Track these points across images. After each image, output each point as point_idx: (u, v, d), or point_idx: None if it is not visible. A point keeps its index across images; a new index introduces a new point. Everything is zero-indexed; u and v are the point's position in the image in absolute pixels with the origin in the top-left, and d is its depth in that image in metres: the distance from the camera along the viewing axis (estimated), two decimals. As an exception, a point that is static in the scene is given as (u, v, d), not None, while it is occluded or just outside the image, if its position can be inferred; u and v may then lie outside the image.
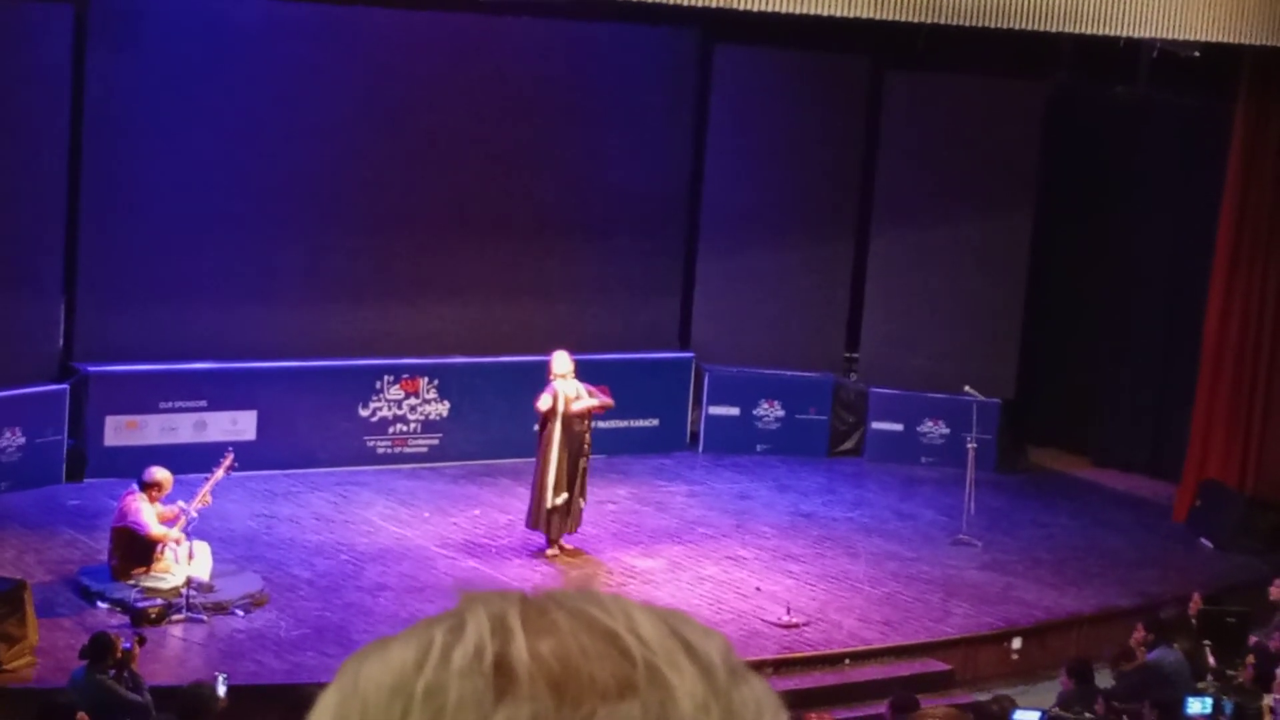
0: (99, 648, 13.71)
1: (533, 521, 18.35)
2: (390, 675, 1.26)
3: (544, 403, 17.93)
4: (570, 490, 18.05)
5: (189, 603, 16.11)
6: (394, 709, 1.24)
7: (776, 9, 17.06)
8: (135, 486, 16.54)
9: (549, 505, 18.02)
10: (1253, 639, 16.48)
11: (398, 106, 21.16)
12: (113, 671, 13.66)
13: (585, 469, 18.24)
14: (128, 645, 13.75)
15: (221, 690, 13.51)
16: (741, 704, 1.27)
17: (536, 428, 18.30)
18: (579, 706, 1.22)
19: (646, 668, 1.24)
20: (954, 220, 22.93)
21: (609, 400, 18.31)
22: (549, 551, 18.25)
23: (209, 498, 16.69)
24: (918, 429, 22.80)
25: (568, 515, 18.18)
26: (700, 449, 22.76)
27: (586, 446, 18.15)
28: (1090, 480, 22.92)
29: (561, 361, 18.12)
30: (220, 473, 16.85)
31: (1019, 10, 17.93)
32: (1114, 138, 23.10)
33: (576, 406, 17.98)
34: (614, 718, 1.22)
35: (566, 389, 17.98)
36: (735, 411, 22.85)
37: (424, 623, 1.29)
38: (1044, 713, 14.47)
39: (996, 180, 22.92)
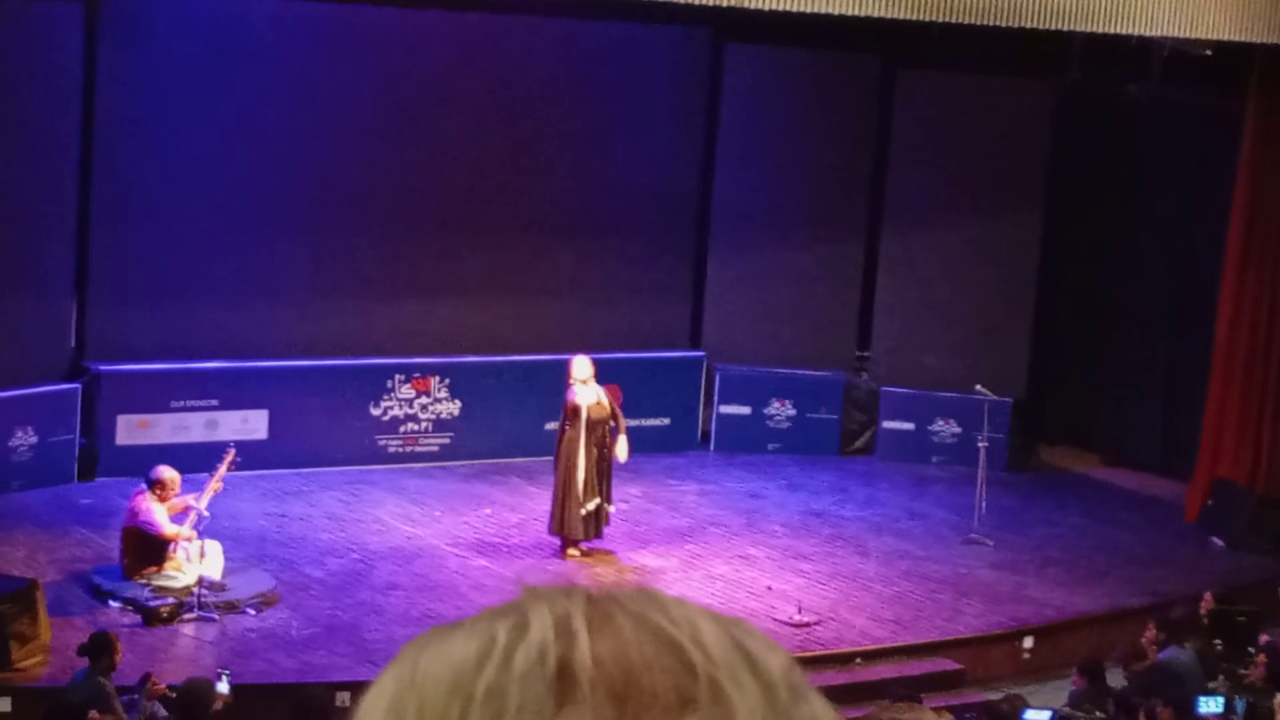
0: (98, 646, 13.69)
1: (557, 527, 18.23)
2: (450, 671, 1.24)
3: (581, 404, 17.79)
4: (600, 495, 18.02)
5: (200, 602, 16.13)
6: (452, 708, 1.22)
7: (787, 8, 17.06)
8: (144, 486, 16.56)
9: (583, 511, 17.95)
10: (1264, 638, 16.45)
11: (407, 105, 21.17)
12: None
13: (609, 474, 18.19)
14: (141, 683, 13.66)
15: (225, 688, 13.50)
16: (802, 718, 1.25)
17: (559, 429, 18.19)
18: (639, 719, 1.20)
19: (708, 682, 1.22)
20: (965, 219, 22.92)
21: (621, 419, 18.23)
22: (569, 550, 18.18)
23: (220, 485, 16.72)
24: (929, 428, 22.78)
25: (597, 520, 18.15)
26: (711, 448, 22.75)
27: (608, 451, 18.09)
28: (1101, 479, 22.89)
29: (582, 366, 18.06)
30: (223, 468, 16.86)
31: (1030, 9, 17.92)
32: (1125, 136, 23.06)
33: (597, 413, 17.92)
34: None
35: (587, 394, 17.94)
36: (746, 410, 22.84)
37: (486, 614, 1.27)
38: (1055, 712, 14.45)
39: (1007, 179, 22.91)
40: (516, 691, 1.21)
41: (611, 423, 18.09)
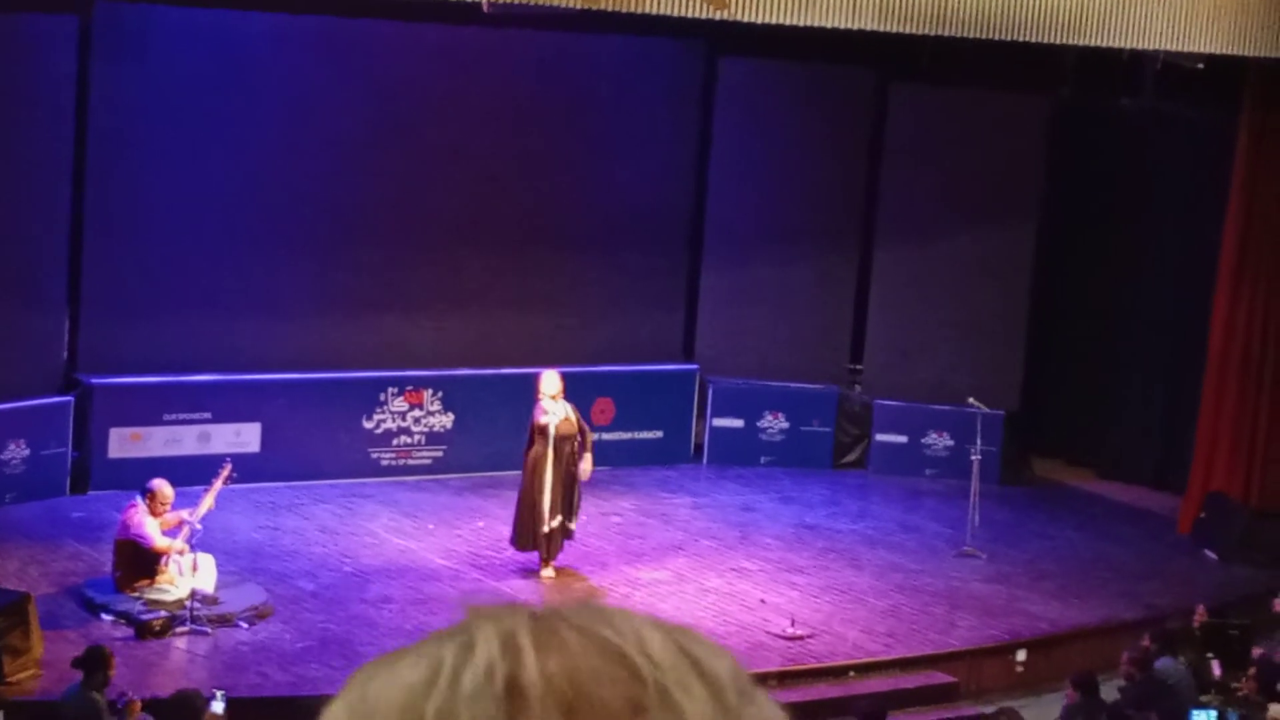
0: (92, 660, 13.66)
1: (521, 543, 18.12)
2: (400, 696, 1.24)
3: (548, 421, 17.73)
4: (564, 513, 17.88)
5: (193, 615, 16.10)
6: None
7: (781, 21, 17.06)
8: (137, 499, 16.54)
9: (545, 529, 17.84)
10: (1257, 651, 16.46)
11: (400, 119, 21.17)
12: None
13: (578, 492, 18.03)
14: (122, 703, 13.61)
15: (220, 707, 13.47)
16: None
17: (525, 445, 18.04)
18: None
19: (657, 689, 1.22)
20: (958, 233, 22.93)
21: (588, 436, 18.10)
22: (544, 573, 18.02)
23: (212, 502, 16.69)
24: (922, 441, 22.79)
25: (560, 538, 18.02)
26: (704, 461, 22.75)
27: (574, 468, 17.92)
28: (1095, 492, 22.90)
29: (550, 382, 17.90)
30: (219, 483, 16.84)
31: (1023, 22, 17.94)
32: (1118, 149, 23.09)
33: (565, 430, 17.82)
34: None
35: (555, 410, 17.86)
36: (739, 424, 22.85)
37: (433, 638, 1.28)
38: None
39: (1001, 193, 22.92)
40: (466, 712, 1.21)
41: (579, 438, 17.94)
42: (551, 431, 17.69)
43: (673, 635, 1.28)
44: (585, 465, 17.91)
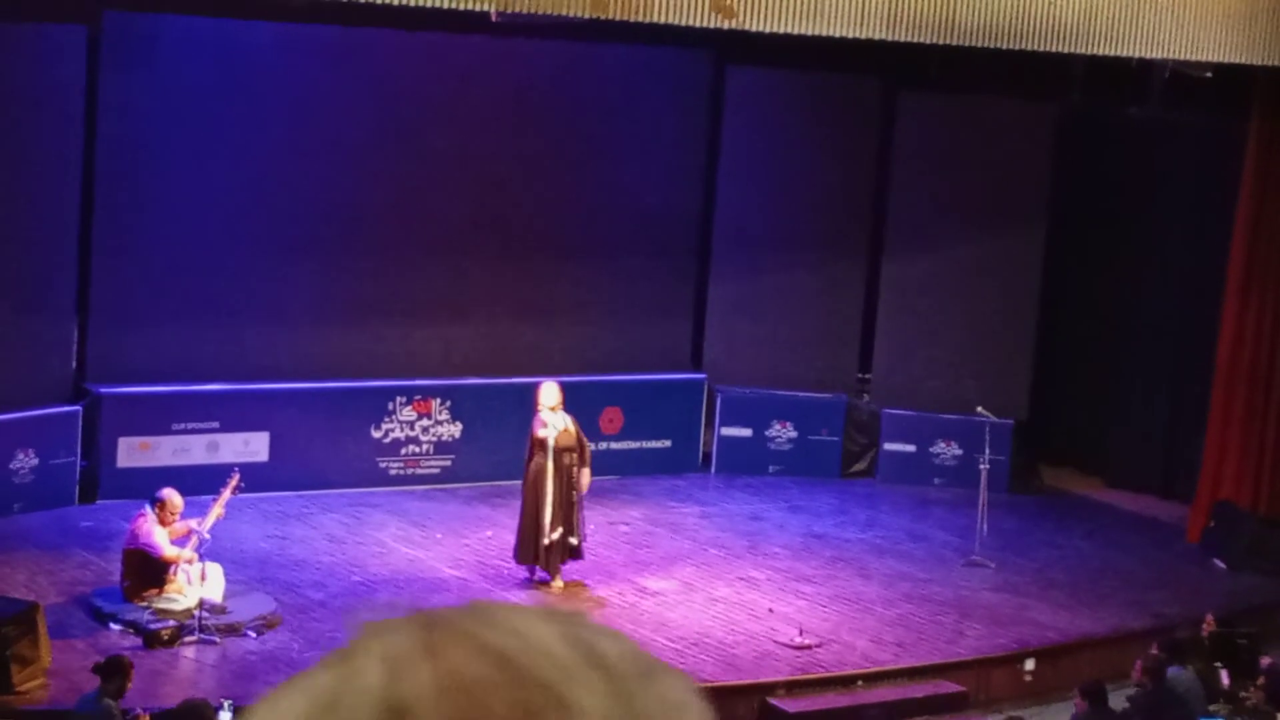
0: (112, 668, 13.69)
1: (523, 556, 18.05)
2: None
3: (547, 434, 17.69)
4: (565, 526, 17.81)
5: (201, 624, 16.11)
6: None
7: (789, 31, 17.06)
8: (146, 508, 16.55)
9: (546, 541, 17.76)
10: (1266, 660, 16.43)
11: (409, 128, 21.19)
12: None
13: (579, 505, 17.92)
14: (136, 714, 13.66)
15: (228, 717, 13.48)
16: (649, 705, 1.23)
17: (525, 457, 17.98)
18: None
19: (548, 690, 1.20)
20: (966, 241, 22.92)
21: (586, 449, 18.04)
22: (554, 585, 17.93)
23: (221, 510, 16.69)
24: (930, 450, 22.77)
25: (562, 550, 17.95)
26: (712, 470, 22.75)
27: (575, 480, 17.83)
28: (1103, 501, 22.88)
29: (550, 393, 17.86)
30: (227, 493, 16.85)
31: (1031, 31, 17.92)
32: (1126, 158, 23.08)
33: (564, 441, 17.74)
34: None
35: (555, 422, 17.81)
36: (747, 433, 22.84)
37: (319, 664, 1.25)
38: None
39: (1009, 201, 22.92)
40: None
41: (576, 452, 17.78)
42: (551, 444, 17.64)
43: (563, 627, 1.26)
44: (584, 480, 17.82)
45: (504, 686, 1.20)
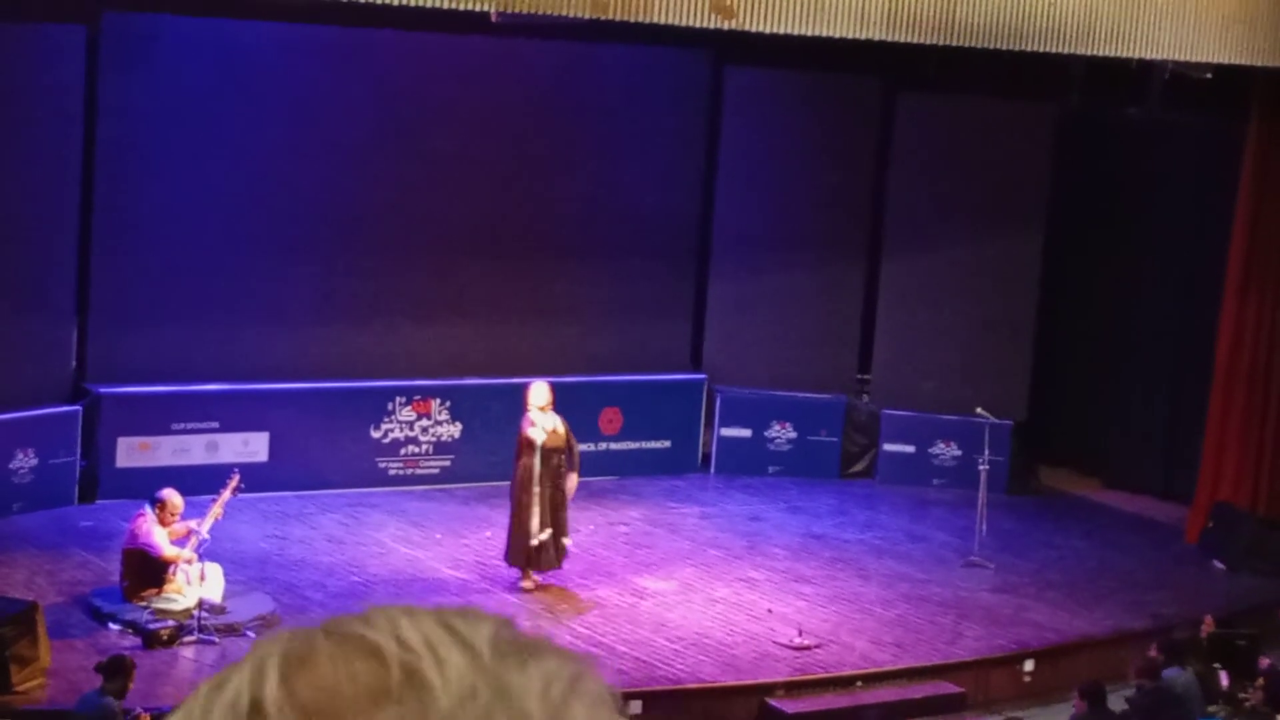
0: (114, 667, 13.70)
1: (513, 558, 17.98)
2: None
3: (536, 434, 17.66)
4: (553, 527, 17.74)
5: (200, 624, 16.11)
6: None
7: (788, 31, 17.07)
8: (146, 508, 16.56)
9: (534, 542, 17.67)
10: (1265, 661, 16.44)
11: (408, 128, 21.19)
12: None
13: (564, 505, 17.81)
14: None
15: None
16: (523, 682, 1.24)
17: (515, 458, 17.87)
18: None
19: (403, 671, 1.22)
20: (965, 242, 22.93)
21: (575, 451, 18.00)
22: (524, 584, 17.88)
23: (220, 512, 16.70)
24: (929, 451, 22.78)
25: (551, 551, 17.88)
26: (712, 471, 22.75)
27: (562, 481, 17.72)
28: (1102, 502, 22.89)
29: (539, 393, 17.79)
30: (227, 493, 16.86)
31: (1031, 32, 17.93)
32: (1126, 159, 23.08)
33: (553, 442, 17.65)
34: None
35: (544, 422, 17.78)
36: (747, 433, 22.84)
37: (203, 683, 1.28)
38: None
39: (1008, 202, 22.92)
40: None
41: (566, 452, 17.73)
42: (539, 444, 17.59)
43: (437, 616, 1.27)
44: (570, 483, 17.73)
45: (362, 674, 1.22)
